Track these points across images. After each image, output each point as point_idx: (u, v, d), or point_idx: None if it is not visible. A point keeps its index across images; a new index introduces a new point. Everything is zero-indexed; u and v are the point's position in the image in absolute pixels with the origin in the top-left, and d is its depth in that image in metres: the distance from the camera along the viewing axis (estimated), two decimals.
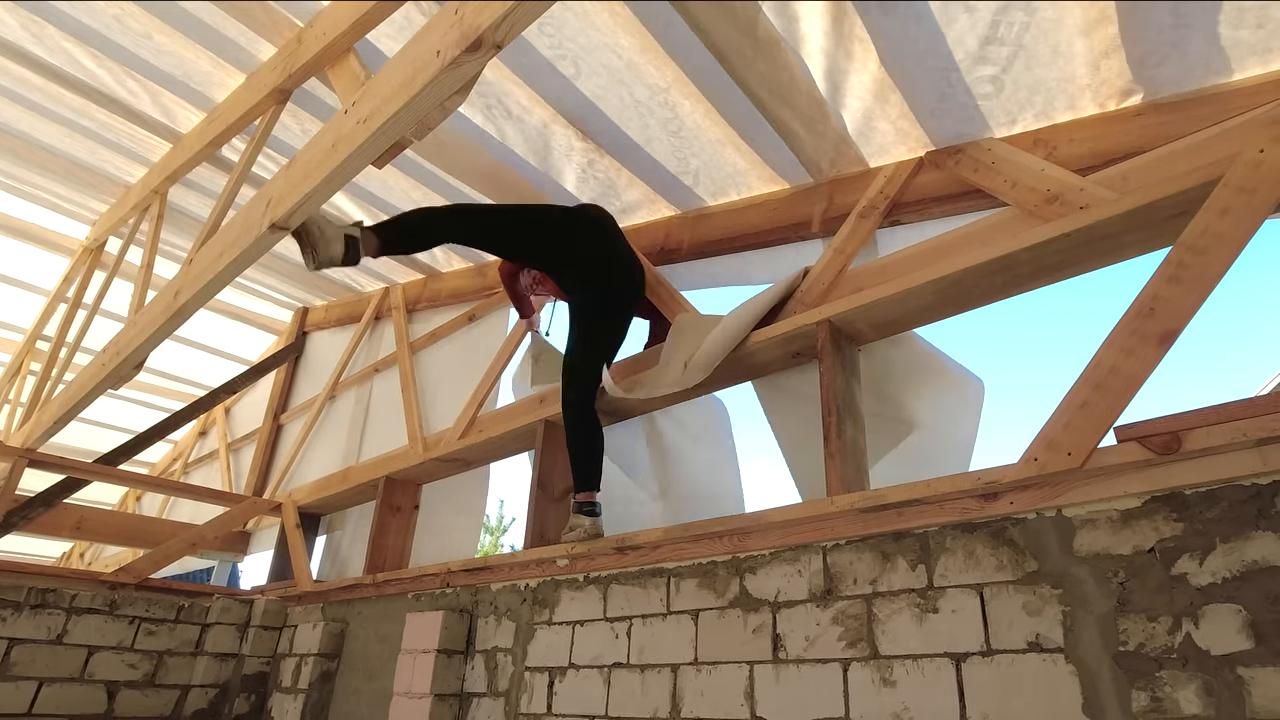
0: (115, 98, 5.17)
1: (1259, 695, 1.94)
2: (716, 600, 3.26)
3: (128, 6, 4.26)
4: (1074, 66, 2.92)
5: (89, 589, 5.51)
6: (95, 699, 5.28)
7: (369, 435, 6.90)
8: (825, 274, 3.62)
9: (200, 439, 10.51)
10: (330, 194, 3.14)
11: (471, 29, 2.29)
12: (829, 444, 3.12)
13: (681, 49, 3.47)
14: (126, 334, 4.66)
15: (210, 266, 3.73)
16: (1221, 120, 2.60)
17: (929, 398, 3.44)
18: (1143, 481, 2.27)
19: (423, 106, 2.59)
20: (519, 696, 3.91)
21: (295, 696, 5.30)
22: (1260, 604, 2.00)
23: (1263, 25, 2.50)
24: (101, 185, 6.36)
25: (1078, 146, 3.07)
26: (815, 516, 2.96)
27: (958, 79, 3.12)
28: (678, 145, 4.09)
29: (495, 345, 5.80)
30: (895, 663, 2.63)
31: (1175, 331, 2.30)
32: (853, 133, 3.62)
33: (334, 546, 6.85)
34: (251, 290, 8.23)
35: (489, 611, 4.34)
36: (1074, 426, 2.40)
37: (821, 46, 3.20)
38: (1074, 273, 2.95)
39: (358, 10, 3.51)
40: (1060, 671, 2.28)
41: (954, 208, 3.45)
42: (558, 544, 3.89)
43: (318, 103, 4.72)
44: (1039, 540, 2.45)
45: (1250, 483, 2.11)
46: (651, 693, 3.33)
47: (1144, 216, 2.63)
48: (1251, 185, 2.34)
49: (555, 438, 4.52)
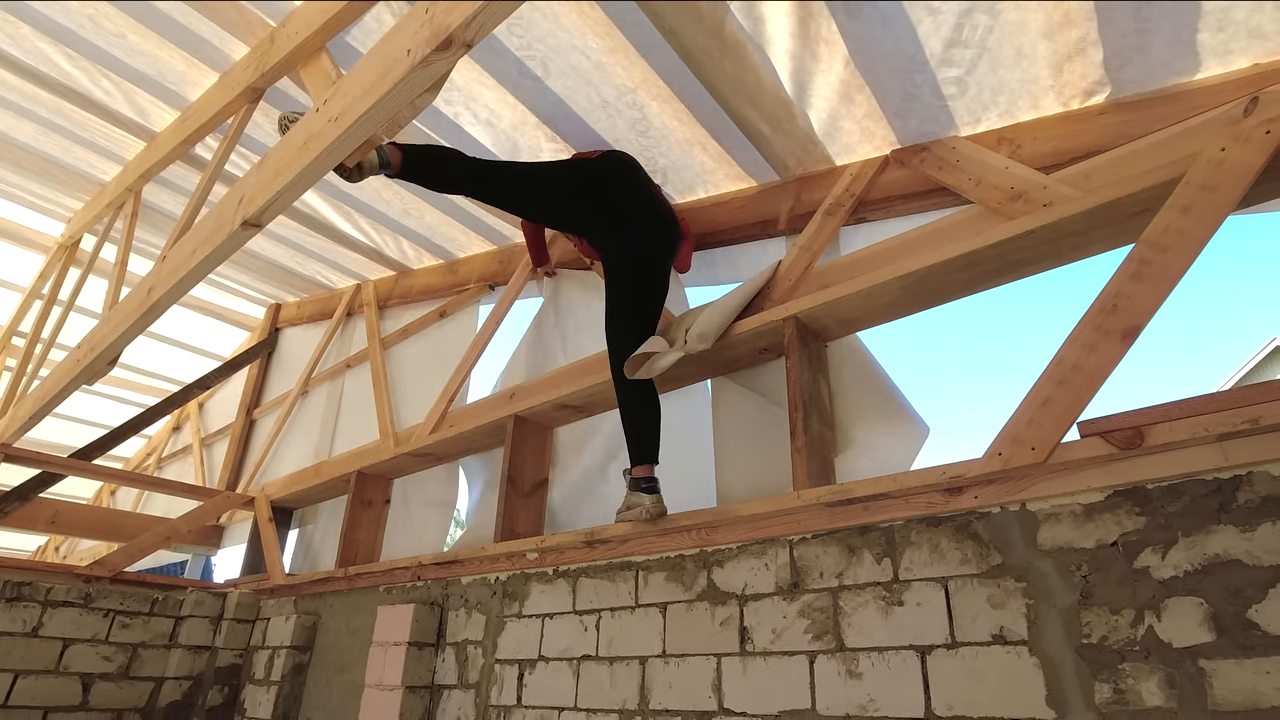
0: (90, 97, 5.08)
1: (1220, 687, 1.91)
2: (684, 593, 3.22)
3: (102, 6, 4.18)
4: (1037, 68, 2.89)
5: (64, 582, 5.45)
6: (70, 691, 5.22)
7: (341, 430, 6.83)
8: (792, 271, 3.57)
9: (174, 434, 10.38)
10: (302, 191, 3.12)
11: (441, 28, 2.29)
12: (795, 439, 3.07)
13: (649, 50, 3.42)
14: (101, 330, 4.62)
15: (184, 263, 3.71)
16: (1183, 119, 2.56)
17: (877, 426, 3.35)
18: (1106, 476, 2.25)
19: (393, 105, 2.57)
20: (489, 688, 3.85)
21: (268, 688, 5.24)
22: (1221, 597, 1.97)
23: (1223, 28, 2.47)
24: (76, 183, 6.25)
25: (1041, 145, 3.04)
26: (782, 510, 2.91)
27: (923, 80, 3.07)
28: (645, 145, 4.03)
29: (466, 341, 5.74)
30: (861, 655, 2.60)
31: (1138, 328, 2.27)
32: (819, 132, 3.57)
33: (306, 540, 6.78)
34: (224, 287, 8.15)
35: (460, 604, 4.28)
36: (1038, 422, 2.37)
37: (788, 48, 3.16)
38: (1038, 269, 2.91)
39: (329, 10, 3.49)
40: (1024, 664, 2.25)
41: (919, 205, 3.41)
42: (613, 524, 3.53)
43: (290, 101, 4.64)
44: (1003, 534, 2.42)
45: (1212, 477, 2.09)
46: (620, 684, 3.28)
47: (1107, 214, 2.60)
48: (1213, 183, 2.31)
49: (525, 433, 4.48)
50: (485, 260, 5.79)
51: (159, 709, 5.47)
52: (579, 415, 4.45)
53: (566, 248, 5.03)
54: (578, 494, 4.37)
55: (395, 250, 6.35)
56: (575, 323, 4.98)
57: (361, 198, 5.51)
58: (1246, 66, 2.58)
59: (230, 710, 5.55)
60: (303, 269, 7.35)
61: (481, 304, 5.83)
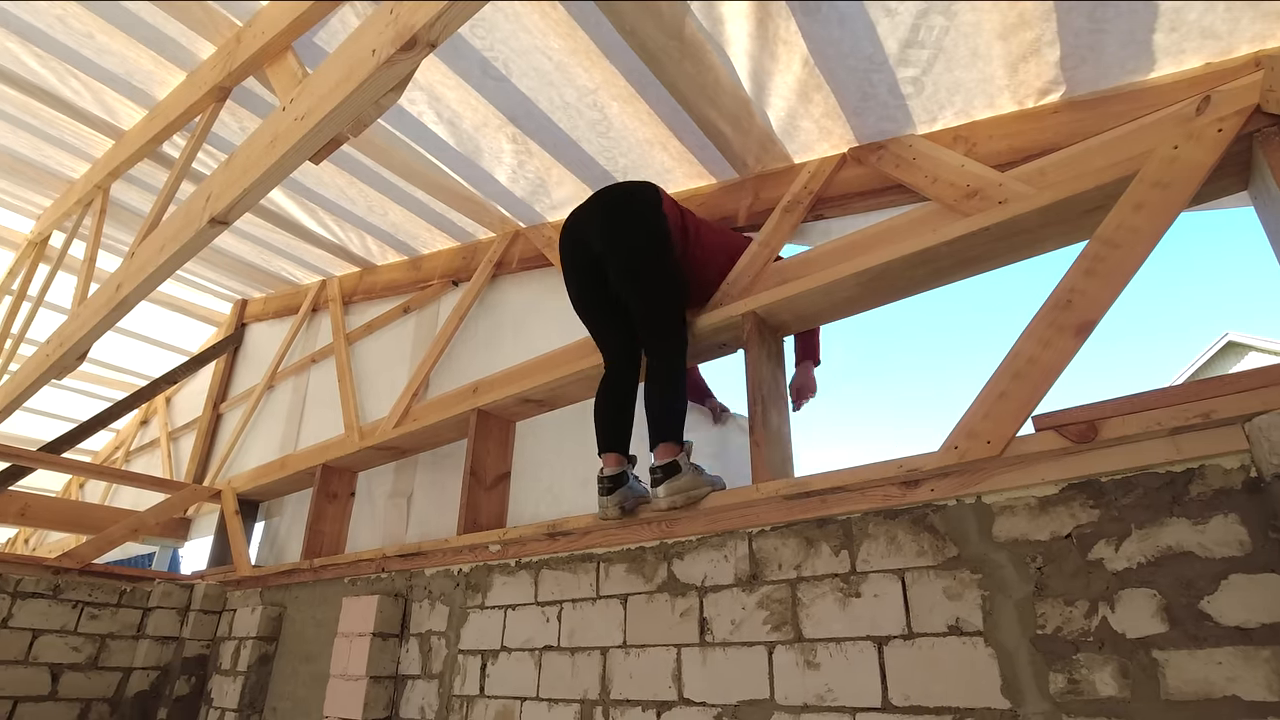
0: (59, 95, 4.96)
1: (1173, 677, 1.87)
2: (645, 585, 3.14)
3: (70, 6, 4.08)
4: (993, 68, 2.82)
5: (33, 574, 5.38)
6: (40, 681, 5.16)
7: (306, 424, 6.71)
8: (751, 267, 3.50)
9: (142, 428, 10.23)
10: (269, 189, 3.13)
11: (406, 28, 2.29)
12: (754, 432, 3.00)
13: (611, 51, 3.33)
14: (70, 326, 4.64)
15: (151, 260, 3.71)
16: (1137, 117, 2.51)
17: None
18: (1060, 469, 2.20)
19: (359, 104, 2.58)
20: (452, 678, 3.78)
21: (234, 678, 5.17)
22: (1174, 588, 1.93)
23: (1176, 28, 2.42)
24: (45, 181, 6.10)
25: (997, 143, 2.99)
26: (741, 503, 2.84)
27: (880, 79, 3.00)
28: (606, 145, 3.94)
29: (429, 336, 5.65)
30: (819, 645, 2.54)
31: (1092, 323, 2.23)
32: (777, 131, 3.49)
33: (272, 532, 6.67)
34: (192, 283, 8.01)
35: (423, 596, 4.19)
36: (993, 416, 2.32)
37: (747, 49, 3.08)
38: (993, 265, 2.86)
39: (295, 10, 3.46)
40: (980, 654, 2.20)
41: (877, 202, 3.35)
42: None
43: (257, 100, 4.54)
44: (959, 526, 2.37)
45: (1165, 470, 2.04)
46: (582, 674, 3.22)
47: (1061, 211, 2.55)
48: (1166, 180, 2.26)
49: (488, 427, 4.40)
50: (448, 256, 5.69)
51: (127, 699, 5.40)
52: (541, 409, 4.37)
53: (527, 249, 4.99)
54: (537, 489, 4.31)
55: (360, 246, 6.21)
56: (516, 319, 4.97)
57: (327, 195, 5.37)
58: (1199, 66, 2.53)
59: (197, 700, 5.47)
60: (269, 265, 7.21)
61: (444, 300, 5.73)
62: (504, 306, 5.14)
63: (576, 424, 4.30)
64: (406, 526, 5.13)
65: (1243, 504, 1.91)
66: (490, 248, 5.25)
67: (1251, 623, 1.81)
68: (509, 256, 5.11)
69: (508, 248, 5.13)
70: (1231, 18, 2.37)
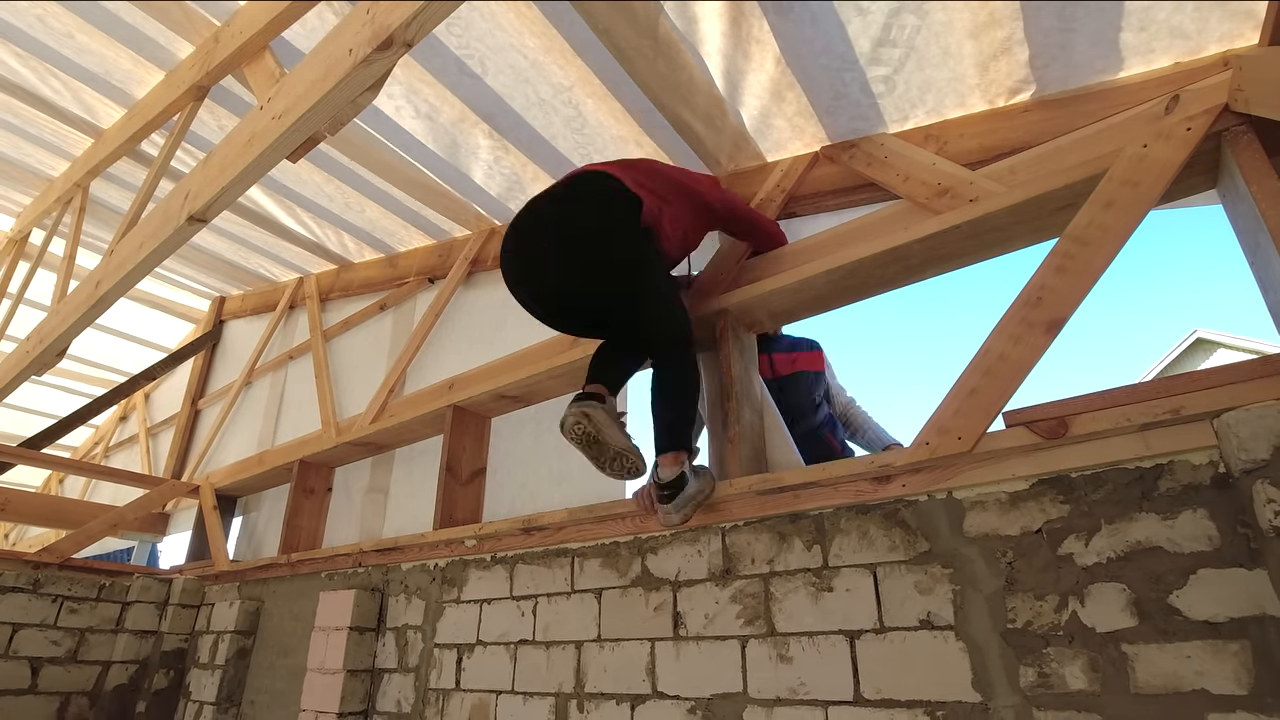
0: (38, 94, 4.88)
1: (1142, 671, 1.84)
2: (619, 579, 3.09)
3: (50, 6, 4.03)
4: (964, 67, 2.78)
5: (13, 568, 5.32)
6: (19, 674, 5.10)
7: (284, 420, 6.63)
8: (724, 265, 3.44)
9: (121, 424, 10.09)
10: (247, 187, 3.09)
11: (383, 28, 2.28)
12: (728, 429, 2.96)
13: (585, 49, 3.28)
14: (49, 322, 4.61)
15: (130, 257, 3.71)
16: (1107, 116, 2.48)
17: None
18: (1030, 465, 2.16)
19: (336, 103, 2.57)
20: (429, 672, 3.72)
21: (212, 672, 5.10)
22: (1143, 583, 1.90)
23: (1145, 28, 2.39)
24: (25, 179, 6.00)
25: (968, 141, 2.95)
26: (715, 499, 2.79)
27: (852, 78, 2.95)
28: (581, 141, 3.87)
29: (406, 333, 5.58)
30: (792, 639, 2.49)
31: (1062, 320, 2.19)
32: (750, 129, 3.44)
33: (250, 527, 6.59)
34: (170, 280, 7.92)
35: (400, 590, 4.12)
36: (964, 412, 2.27)
37: (720, 47, 3.02)
38: (964, 263, 2.82)
39: (272, 10, 3.44)
40: (951, 648, 2.16)
41: (849, 200, 3.30)
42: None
43: (235, 99, 4.47)
44: (930, 522, 2.33)
45: (1134, 466, 2.01)
46: (556, 668, 3.16)
47: (1032, 209, 2.51)
48: (1135, 179, 2.23)
49: (464, 423, 4.34)
50: (425, 254, 5.60)
51: (106, 692, 5.33)
52: (516, 405, 4.31)
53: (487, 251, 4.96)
54: (513, 484, 4.26)
55: (337, 244, 6.12)
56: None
57: (304, 193, 5.29)
58: (1168, 65, 2.50)
59: (176, 693, 5.40)
60: (246, 262, 7.11)
61: (420, 297, 5.65)
62: (480, 303, 5.06)
63: (552, 420, 4.23)
64: (383, 522, 5.08)
65: (1211, 499, 1.88)
66: (466, 245, 5.18)
67: (1220, 617, 1.78)
68: (484, 254, 5.03)
69: (483, 245, 5.05)
70: (1200, 17, 2.34)
